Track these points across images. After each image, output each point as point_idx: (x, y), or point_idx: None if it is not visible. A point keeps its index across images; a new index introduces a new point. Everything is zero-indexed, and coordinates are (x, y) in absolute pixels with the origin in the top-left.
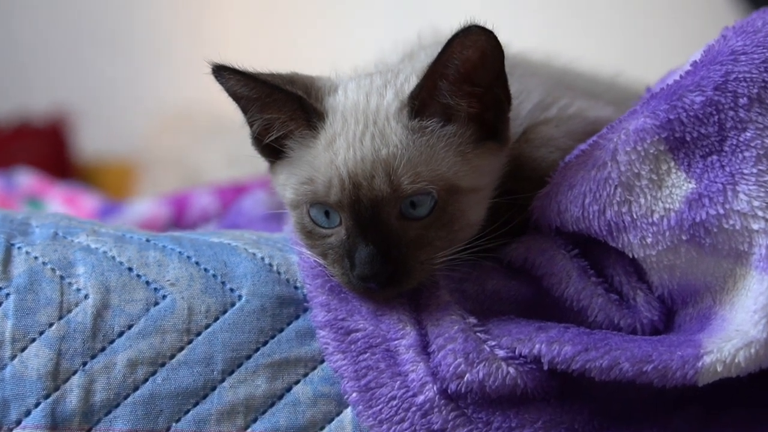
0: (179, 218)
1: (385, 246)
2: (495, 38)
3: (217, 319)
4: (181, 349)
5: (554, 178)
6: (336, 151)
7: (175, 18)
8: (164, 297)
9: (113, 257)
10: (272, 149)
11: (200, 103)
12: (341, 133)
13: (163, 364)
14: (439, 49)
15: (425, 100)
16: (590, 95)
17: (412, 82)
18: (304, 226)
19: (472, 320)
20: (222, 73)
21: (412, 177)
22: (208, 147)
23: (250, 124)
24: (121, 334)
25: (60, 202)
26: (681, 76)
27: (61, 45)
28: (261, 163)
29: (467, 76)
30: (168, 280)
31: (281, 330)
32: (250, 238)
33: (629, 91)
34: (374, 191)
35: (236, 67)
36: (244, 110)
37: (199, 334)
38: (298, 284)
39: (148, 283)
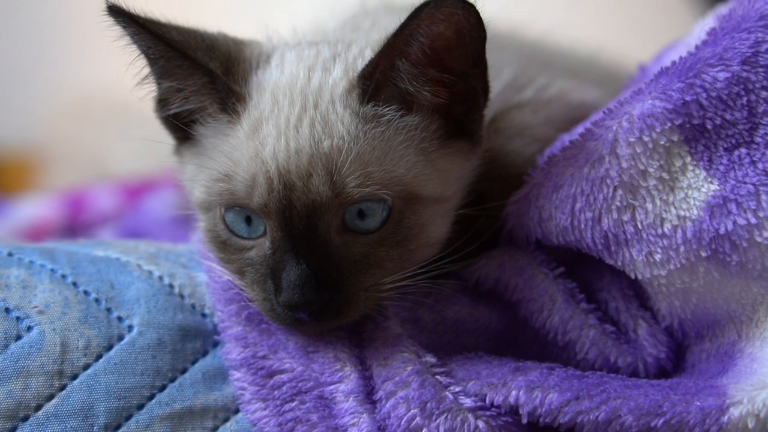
0: (75, 220)
1: (321, 266)
2: (476, 14)
3: (99, 357)
4: (51, 397)
5: (534, 177)
6: (263, 141)
7: None
8: (29, 329)
9: None
10: (179, 126)
11: (106, 87)
12: (270, 117)
13: (26, 418)
14: (398, 19)
15: (379, 82)
16: (569, 74)
17: (367, 57)
18: (217, 234)
19: (430, 359)
20: (117, 17)
21: (361, 178)
22: (115, 136)
23: (157, 83)
24: None
25: None
26: (697, 47)
27: None
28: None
29: (435, 58)
30: (35, 307)
31: (184, 371)
32: (146, 251)
33: (613, 70)
34: (311, 194)
35: (135, 13)
36: (150, 65)
37: (75, 377)
38: (207, 311)
39: (8, 310)
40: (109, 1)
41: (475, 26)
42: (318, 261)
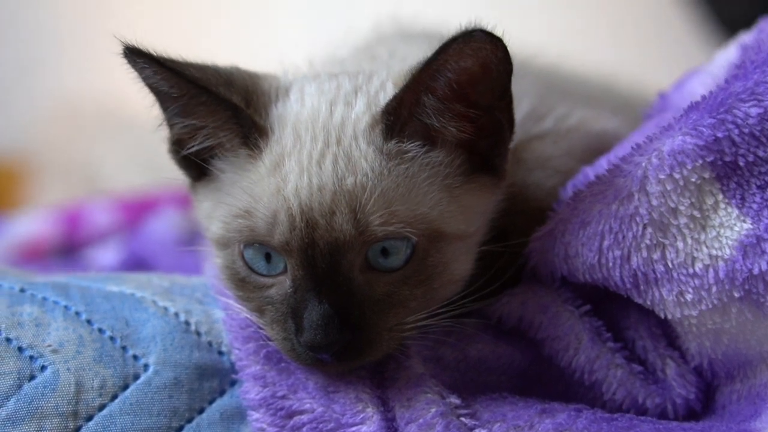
0: (71, 237)
1: (343, 305)
2: (504, 47)
3: (115, 397)
4: None
5: (559, 213)
6: (285, 177)
7: None
8: (43, 368)
9: None
10: (194, 163)
11: (98, 93)
12: (293, 152)
13: None
14: (416, 49)
15: (404, 117)
16: (585, 101)
17: (389, 90)
18: (236, 271)
19: (454, 400)
20: (135, 59)
21: (386, 216)
22: (109, 147)
23: (169, 125)
24: None
25: None
26: (727, 81)
27: None
28: (172, 167)
29: (461, 93)
30: (49, 346)
31: (201, 411)
32: (161, 285)
33: (628, 97)
34: (334, 232)
35: (154, 53)
36: (163, 107)
37: (90, 418)
38: (224, 348)
39: (21, 349)
40: (126, 44)
41: (502, 60)
42: (341, 300)
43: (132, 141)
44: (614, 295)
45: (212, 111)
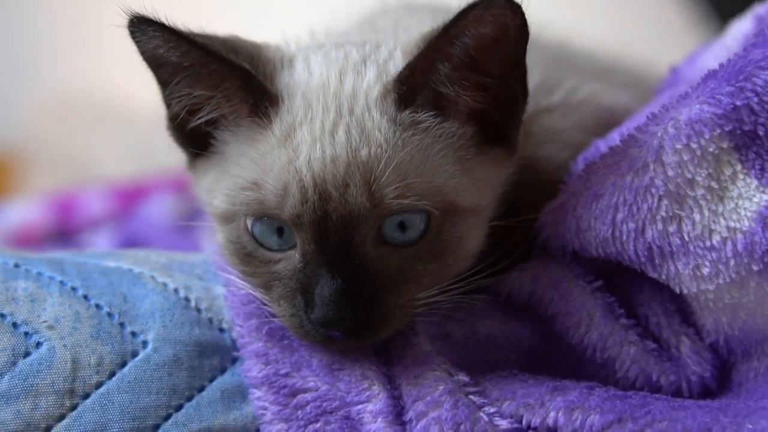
0: (64, 224)
1: (356, 281)
2: (522, 15)
3: (113, 375)
4: (62, 417)
5: (571, 186)
6: (296, 148)
7: None
8: (38, 345)
9: None
10: (195, 138)
11: (91, 84)
12: (304, 122)
13: None
14: (422, 19)
15: (417, 86)
16: (593, 77)
17: (398, 59)
18: (241, 246)
19: (462, 377)
20: (144, 27)
21: (401, 189)
22: (102, 139)
23: (169, 101)
24: None
25: None
26: (745, 49)
27: None
28: (166, 159)
29: (477, 61)
30: (44, 322)
31: (201, 389)
32: (159, 261)
33: (635, 74)
34: (348, 205)
35: (165, 21)
36: (164, 81)
37: (87, 396)
38: (225, 325)
39: (15, 325)
40: (134, 13)
41: (520, 27)
42: (353, 275)
43: (125, 133)
44: (627, 270)
45: (222, 79)
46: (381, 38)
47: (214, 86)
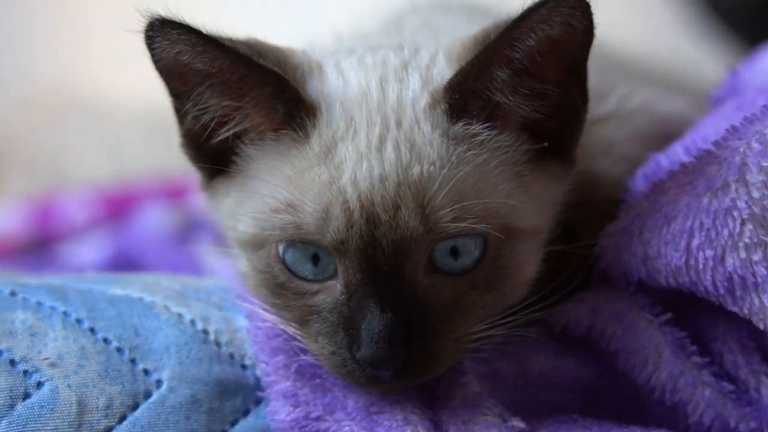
0: (43, 233)
1: (407, 314)
2: (591, 17)
3: (123, 419)
4: None
5: (635, 206)
6: (339, 165)
7: None
8: (40, 385)
9: None
10: (212, 154)
11: (69, 81)
12: (346, 136)
13: None
14: (454, 20)
15: (469, 95)
16: (641, 82)
17: (441, 64)
18: (272, 276)
19: (517, 423)
20: (167, 31)
21: (457, 210)
22: (77, 136)
23: (184, 114)
24: None
25: None
26: None
27: None
28: (144, 159)
29: (539, 66)
30: (46, 359)
31: None
32: (171, 288)
33: (688, 79)
34: (399, 229)
35: (192, 24)
36: (182, 92)
37: None
38: (248, 362)
39: (13, 362)
40: (156, 16)
41: (587, 29)
42: (404, 308)
43: (100, 131)
44: (699, 301)
45: (251, 87)
46: (413, 40)
47: (242, 95)
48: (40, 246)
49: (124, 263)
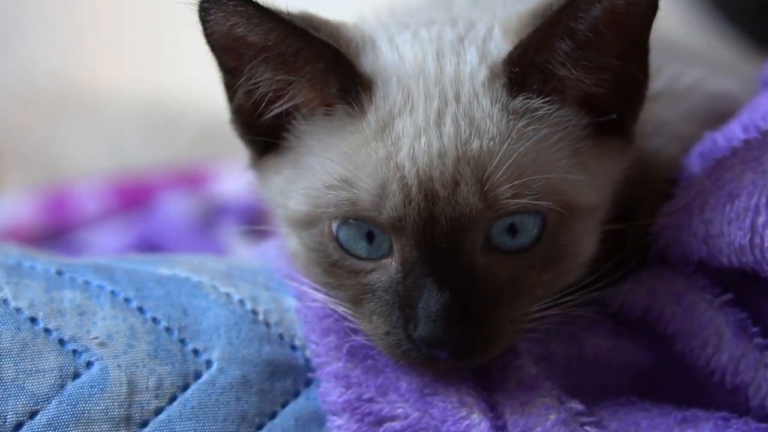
0: (56, 223)
1: (465, 294)
2: None
3: (174, 399)
4: None
5: (696, 184)
6: (396, 140)
7: None
8: (89, 364)
9: (4, 300)
10: (262, 131)
11: (64, 74)
12: (404, 111)
13: None
14: None
15: (530, 68)
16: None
17: (498, 38)
18: (325, 254)
19: (575, 405)
20: (223, 3)
21: (517, 187)
22: (73, 130)
23: (235, 90)
24: (18, 427)
25: None
26: None
27: None
28: (146, 155)
29: (603, 38)
30: (95, 338)
31: (273, 415)
32: (217, 268)
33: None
34: (458, 206)
35: None
36: (235, 67)
37: (145, 424)
38: (297, 342)
39: (62, 341)
40: None
41: (651, 1)
42: (462, 287)
43: (98, 126)
44: (758, 281)
45: (306, 61)
46: (466, 15)
47: (297, 69)
48: (54, 235)
49: (148, 250)
